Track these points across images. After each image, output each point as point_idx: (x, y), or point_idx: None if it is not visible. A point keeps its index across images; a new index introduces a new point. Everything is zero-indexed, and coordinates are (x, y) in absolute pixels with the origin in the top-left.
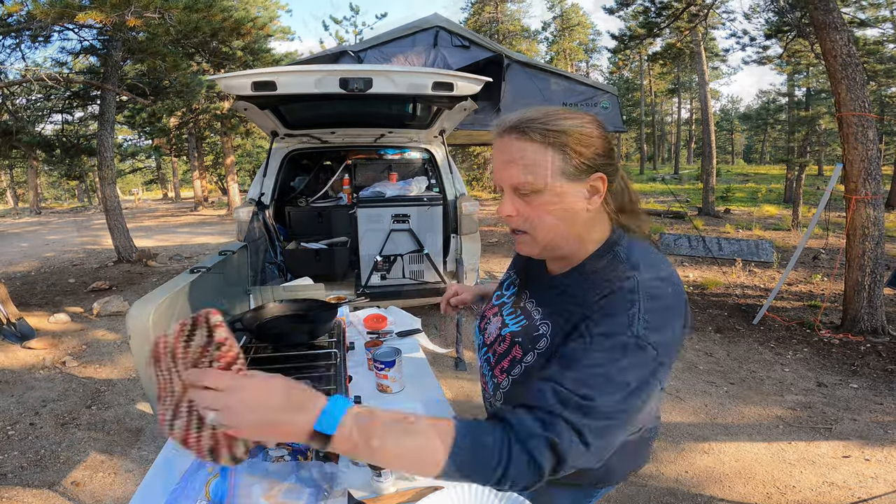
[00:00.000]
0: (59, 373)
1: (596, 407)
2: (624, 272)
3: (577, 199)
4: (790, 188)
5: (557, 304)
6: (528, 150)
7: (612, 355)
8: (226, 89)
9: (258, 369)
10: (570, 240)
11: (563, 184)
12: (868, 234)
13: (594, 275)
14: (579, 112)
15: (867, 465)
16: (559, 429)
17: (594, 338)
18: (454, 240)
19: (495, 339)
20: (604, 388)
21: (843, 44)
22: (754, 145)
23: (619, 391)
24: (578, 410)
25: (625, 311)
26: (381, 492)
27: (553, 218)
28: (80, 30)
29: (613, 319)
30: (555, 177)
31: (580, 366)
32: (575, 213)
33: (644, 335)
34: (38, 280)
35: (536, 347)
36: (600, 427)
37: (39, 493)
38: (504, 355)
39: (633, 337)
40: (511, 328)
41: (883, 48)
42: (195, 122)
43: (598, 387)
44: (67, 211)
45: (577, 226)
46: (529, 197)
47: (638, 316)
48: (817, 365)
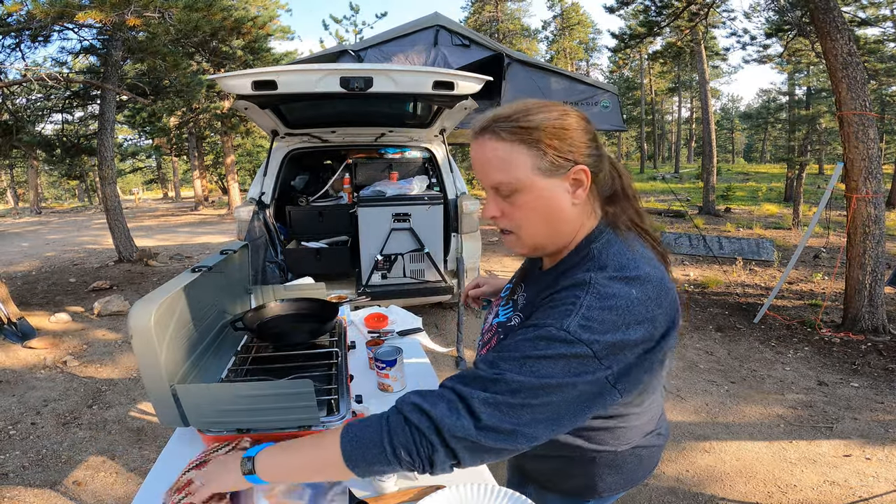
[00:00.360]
0: (60, 372)
1: (497, 379)
2: (586, 272)
3: (560, 194)
4: (791, 187)
5: (531, 298)
6: (500, 149)
7: (534, 343)
8: (226, 89)
9: (259, 369)
10: (558, 236)
11: (542, 180)
12: (869, 233)
13: (567, 271)
14: (556, 104)
15: (868, 464)
16: (435, 396)
17: (526, 328)
18: (455, 239)
19: (487, 329)
20: (510, 366)
21: (844, 43)
22: (755, 144)
23: (528, 375)
24: (473, 382)
25: (565, 305)
26: (382, 491)
27: (536, 215)
28: (79, 29)
29: (550, 312)
30: (531, 174)
31: (499, 348)
32: (559, 208)
33: (575, 331)
34: (38, 280)
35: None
36: (495, 400)
37: (41, 492)
38: (486, 344)
39: (561, 330)
40: (500, 318)
41: (883, 47)
42: (195, 122)
43: (504, 363)
44: (68, 210)
45: (564, 221)
46: (511, 197)
47: (576, 312)
48: (818, 364)
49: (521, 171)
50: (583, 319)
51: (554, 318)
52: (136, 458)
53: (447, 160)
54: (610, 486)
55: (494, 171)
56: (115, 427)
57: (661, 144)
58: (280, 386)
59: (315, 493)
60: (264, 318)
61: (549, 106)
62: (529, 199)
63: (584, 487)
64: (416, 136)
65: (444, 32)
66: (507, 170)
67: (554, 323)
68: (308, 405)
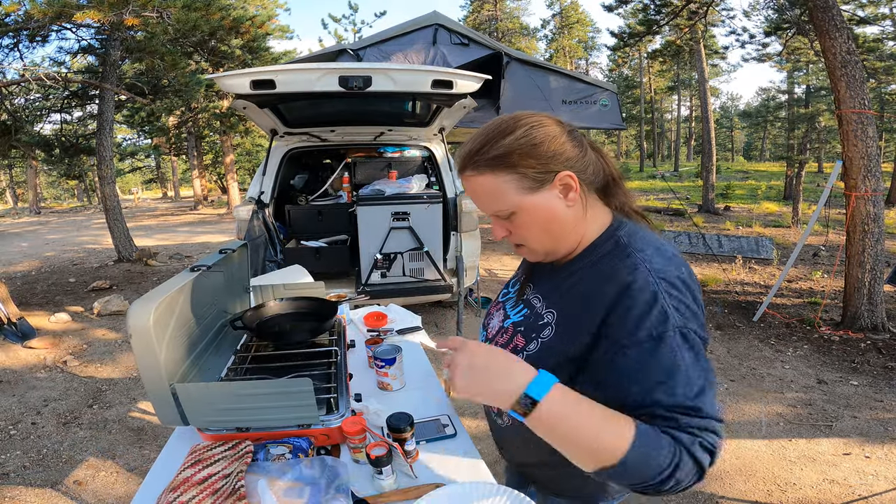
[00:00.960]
0: (60, 372)
1: (700, 406)
2: (631, 259)
3: (553, 203)
4: (790, 185)
5: (562, 293)
6: (484, 183)
7: (677, 357)
8: (225, 88)
9: (258, 367)
10: (565, 239)
11: (531, 197)
12: (868, 231)
13: (600, 262)
14: (522, 115)
15: (867, 463)
16: (695, 432)
17: (639, 345)
18: (454, 237)
19: (497, 331)
20: (692, 388)
21: (843, 41)
22: (754, 142)
23: (702, 380)
24: (690, 416)
25: (652, 305)
26: (382, 489)
27: (538, 229)
28: (77, 29)
29: (648, 319)
30: (520, 196)
31: (658, 381)
32: (556, 217)
33: (680, 322)
34: (38, 279)
35: (540, 336)
36: (711, 419)
37: (42, 492)
38: (505, 346)
39: (678, 331)
40: (513, 319)
41: (882, 45)
42: (194, 121)
43: (687, 391)
44: (67, 210)
45: (565, 225)
46: (510, 219)
47: (667, 305)
48: (817, 362)
49: (509, 196)
50: (673, 309)
51: (657, 323)
52: (137, 458)
53: (446, 159)
54: (619, 487)
55: (487, 202)
56: (115, 426)
57: (660, 143)
58: (279, 385)
59: (315, 490)
60: (264, 316)
61: (514, 122)
62: (527, 217)
63: (596, 491)
64: (415, 135)
65: (443, 31)
66: (498, 199)
67: (665, 328)
68: (307, 404)
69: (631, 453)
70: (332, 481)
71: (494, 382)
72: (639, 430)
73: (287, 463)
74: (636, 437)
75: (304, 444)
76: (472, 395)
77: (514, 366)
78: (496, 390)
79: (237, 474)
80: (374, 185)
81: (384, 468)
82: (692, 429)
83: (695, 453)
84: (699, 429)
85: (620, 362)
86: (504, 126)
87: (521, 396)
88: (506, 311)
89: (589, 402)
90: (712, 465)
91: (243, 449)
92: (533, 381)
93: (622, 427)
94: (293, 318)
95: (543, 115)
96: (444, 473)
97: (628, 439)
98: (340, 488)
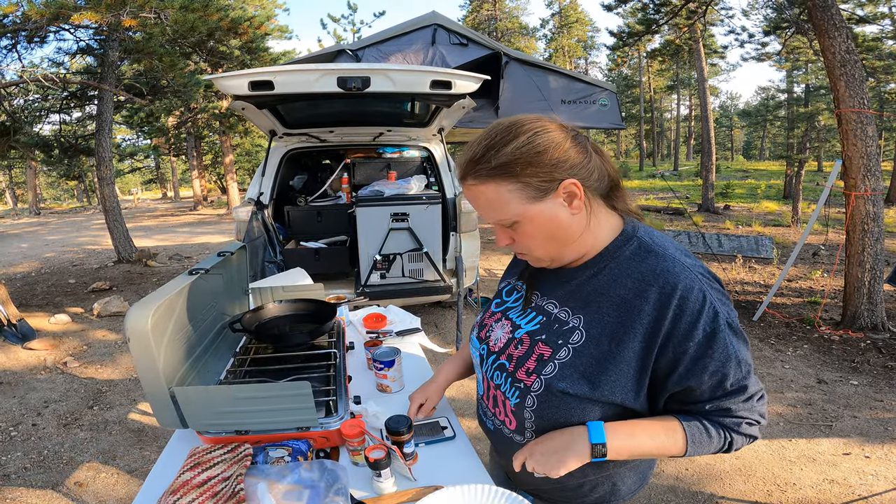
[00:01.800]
0: (60, 373)
1: (747, 386)
2: (667, 261)
3: (557, 212)
4: (790, 184)
5: (585, 297)
6: (486, 192)
7: (727, 347)
8: (223, 89)
9: (257, 370)
10: (571, 246)
11: (535, 206)
12: (868, 231)
13: (626, 264)
14: (523, 125)
15: (867, 463)
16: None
17: (697, 344)
18: (453, 238)
19: (508, 343)
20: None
21: (842, 40)
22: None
23: (748, 362)
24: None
25: (703, 305)
26: (381, 491)
27: (542, 237)
28: (75, 30)
29: (702, 318)
30: (523, 204)
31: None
32: (560, 225)
33: (726, 315)
34: (38, 281)
35: (570, 342)
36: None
37: (43, 493)
38: (526, 356)
39: (726, 322)
40: (526, 328)
41: (882, 44)
42: (193, 122)
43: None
44: (67, 211)
45: (571, 233)
46: (513, 227)
47: (715, 300)
48: (817, 362)
49: (512, 205)
50: (721, 303)
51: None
52: (138, 459)
53: (445, 159)
54: (630, 487)
55: (489, 211)
56: (115, 428)
57: (660, 142)
58: (278, 388)
59: (314, 493)
60: (263, 319)
61: (517, 128)
62: (530, 227)
63: (609, 494)
64: (414, 136)
65: (442, 31)
66: (500, 208)
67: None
68: (306, 407)
69: (689, 450)
70: (331, 484)
71: (569, 454)
72: (688, 434)
73: (286, 466)
74: (687, 441)
75: (303, 446)
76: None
77: (570, 434)
78: (575, 456)
79: (237, 477)
80: (374, 185)
81: (383, 471)
82: (740, 412)
83: (743, 432)
84: (746, 410)
85: (683, 360)
86: (506, 132)
87: (592, 448)
88: (513, 321)
89: (635, 425)
90: (762, 426)
91: (242, 452)
92: (590, 433)
93: (673, 434)
94: (292, 321)
95: (546, 120)
96: (442, 476)
97: (681, 444)
98: (340, 491)
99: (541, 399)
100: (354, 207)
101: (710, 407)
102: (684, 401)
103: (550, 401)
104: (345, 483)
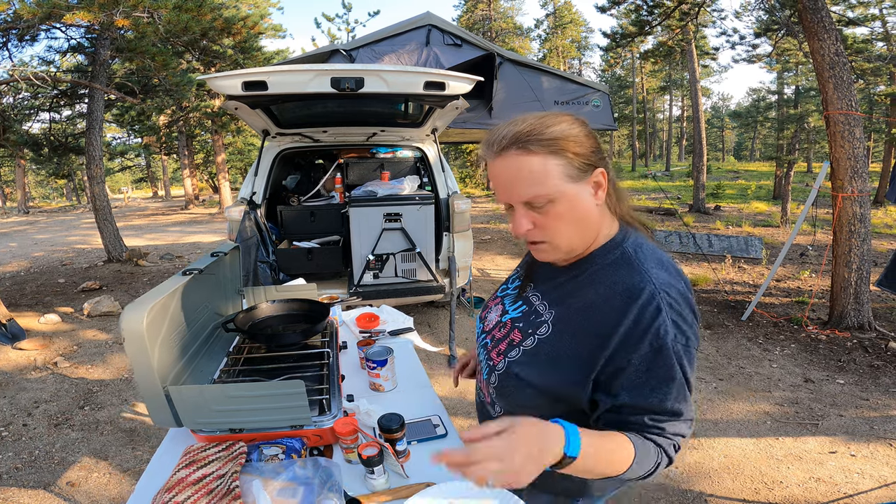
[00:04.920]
0: (50, 373)
1: (682, 411)
2: (639, 274)
3: (586, 198)
4: (779, 185)
5: (562, 294)
6: (532, 162)
7: (672, 371)
8: (216, 89)
9: (251, 369)
10: (587, 237)
11: (572, 186)
12: (855, 231)
13: (605, 271)
14: (560, 114)
15: (853, 461)
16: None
17: (641, 357)
18: (446, 238)
19: (495, 325)
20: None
21: (831, 43)
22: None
23: (688, 387)
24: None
25: (654, 320)
26: (374, 488)
27: (569, 221)
28: (67, 28)
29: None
30: (563, 182)
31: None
32: (587, 212)
33: (678, 336)
34: (27, 280)
35: (537, 333)
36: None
37: (35, 493)
38: (502, 339)
39: (674, 344)
40: (511, 314)
41: (872, 46)
42: (185, 120)
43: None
44: (56, 210)
45: (592, 222)
46: (544, 208)
47: (668, 320)
48: (805, 361)
49: (554, 180)
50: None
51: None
52: (130, 459)
53: (439, 159)
54: (601, 486)
55: (528, 185)
56: (107, 428)
57: (652, 143)
58: (272, 387)
59: (308, 490)
60: (256, 319)
61: (557, 116)
62: (563, 207)
63: (577, 488)
64: (407, 136)
65: (436, 32)
66: (543, 181)
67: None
68: (300, 405)
69: (631, 469)
70: (325, 481)
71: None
72: (636, 449)
73: (281, 464)
74: (635, 456)
75: (297, 444)
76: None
77: (544, 432)
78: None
79: (232, 475)
80: (367, 185)
81: (376, 468)
82: (671, 435)
83: (670, 454)
84: (675, 434)
85: (626, 371)
86: (550, 115)
87: (562, 458)
88: (504, 307)
89: (601, 438)
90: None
91: (237, 450)
92: (566, 443)
93: (626, 450)
94: (285, 321)
95: (573, 116)
96: (435, 473)
97: (629, 460)
98: (333, 488)
99: (500, 378)
100: (348, 207)
101: (648, 421)
102: (623, 414)
103: (507, 382)
104: (338, 480)
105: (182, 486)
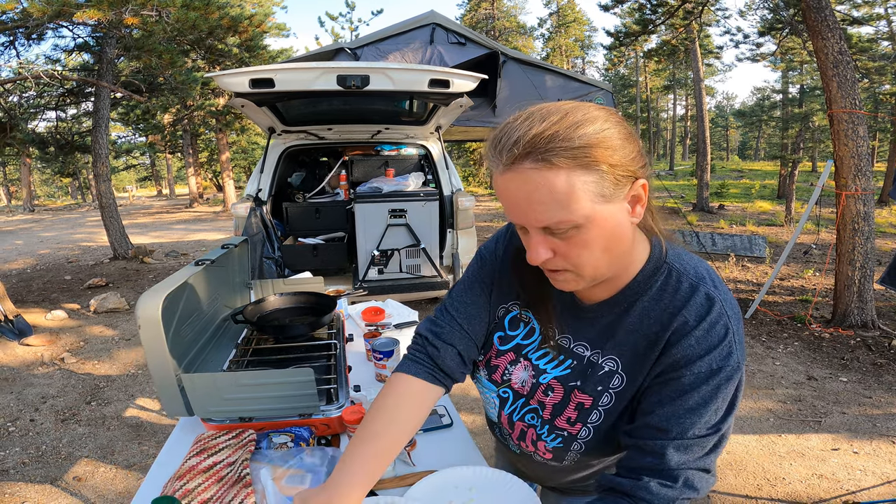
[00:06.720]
0: (57, 369)
1: (719, 440)
2: (701, 292)
3: (621, 217)
4: (783, 184)
5: (620, 337)
6: (554, 181)
7: (720, 391)
8: (224, 87)
9: (259, 360)
10: (619, 262)
11: (604, 207)
12: (858, 230)
13: (660, 295)
14: (589, 106)
15: (856, 458)
16: (691, 477)
17: (696, 375)
18: (450, 234)
19: (533, 388)
20: (721, 421)
21: (835, 41)
22: (749, 142)
23: (730, 414)
24: (701, 451)
25: (722, 340)
26: (381, 477)
27: (598, 248)
28: (74, 27)
29: (714, 353)
30: (594, 204)
31: (690, 409)
32: (622, 234)
33: (738, 358)
34: (34, 277)
35: (610, 388)
36: (718, 451)
37: (42, 488)
38: (563, 405)
39: (735, 368)
40: (554, 373)
41: (876, 45)
42: (190, 119)
43: (714, 422)
44: (61, 208)
45: (626, 245)
46: (567, 233)
47: (734, 341)
48: (808, 359)
49: (583, 203)
50: (738, 344)
51: (720, 359)
52: (136, 454)
53: (443, 157)
54: None
55: (547, 209)
56: (114, 423)
57: (656, 142)
58: (282, 374)
59: (315, 478)
60: (264, 311)
61: (586, 110)
62: (591, 234)
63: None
64: (412, 133)
65: (440, 30)
66: (568, 205)
67: (725, 363)
68: (308, 393)
69: None
70: (332, 469)
71: None
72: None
73: (289, 451)
74: None
75: (305, 433)
76: None
77: None
78: None
79: (242, 462)
80: (372, 182)
81: None
82: (683, 470)
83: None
84: (693, 469)
85: (672, 385)
86: (575, 110)
87: None
88: (534, 364)
89: None
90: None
91: (247, 438)
92: None
93: None
94: (293, 313)
95: (606, 109)
96: (440, 461)
97: None
98: None
99: (589, 443)
100: (353, 203)
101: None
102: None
103: (599, 439)
104: None
105: (193, 474)
